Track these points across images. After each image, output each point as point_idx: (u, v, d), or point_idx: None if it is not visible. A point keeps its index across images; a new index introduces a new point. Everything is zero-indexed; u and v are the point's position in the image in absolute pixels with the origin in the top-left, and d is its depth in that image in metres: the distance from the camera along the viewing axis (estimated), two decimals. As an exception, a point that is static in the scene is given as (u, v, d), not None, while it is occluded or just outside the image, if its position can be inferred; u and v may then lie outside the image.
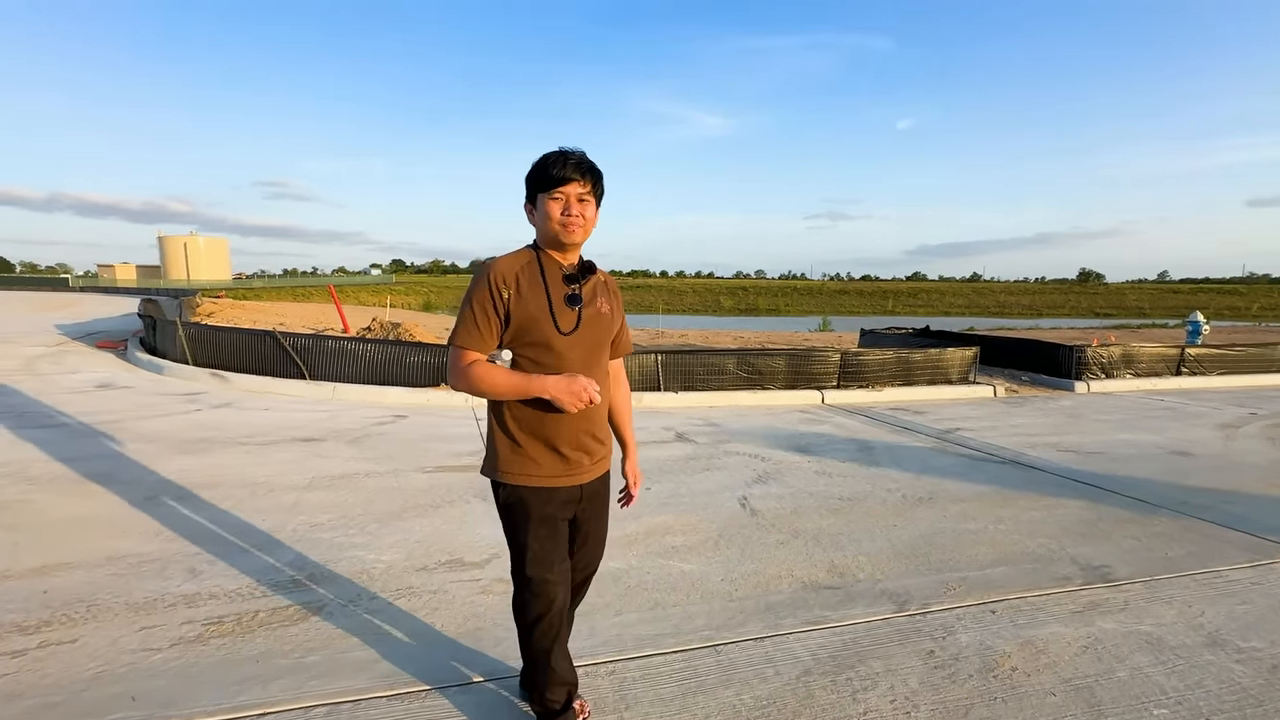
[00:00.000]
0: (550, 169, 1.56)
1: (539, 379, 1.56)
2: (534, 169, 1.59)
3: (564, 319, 1.60)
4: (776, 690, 2.07)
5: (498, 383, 1.56)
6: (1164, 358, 9.91)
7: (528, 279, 1.59)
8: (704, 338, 20.08)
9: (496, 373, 1.57)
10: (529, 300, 1.57)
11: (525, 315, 1.56)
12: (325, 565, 2.92)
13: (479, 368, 1.57)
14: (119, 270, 78.05)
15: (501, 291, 1.55)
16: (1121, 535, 3.53)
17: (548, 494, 1.64)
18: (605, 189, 1.66)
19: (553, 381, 1.55)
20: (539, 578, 1.66)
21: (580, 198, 1.58)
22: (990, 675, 2.18)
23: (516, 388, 1.56)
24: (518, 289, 1.57)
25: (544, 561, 1.66)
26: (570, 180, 1.56)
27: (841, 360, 8.42)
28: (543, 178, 1.57)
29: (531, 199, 1.62)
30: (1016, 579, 2.95)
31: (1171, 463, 5.16)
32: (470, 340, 1.57)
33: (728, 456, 5.09)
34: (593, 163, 1.60)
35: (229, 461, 4.53)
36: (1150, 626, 2.53)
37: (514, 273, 1.58)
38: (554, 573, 1.67)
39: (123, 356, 9.93)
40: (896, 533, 3.52)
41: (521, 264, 1.61)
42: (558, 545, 1.69)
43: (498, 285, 1.56)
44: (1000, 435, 6.13)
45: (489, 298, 1.55)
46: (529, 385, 1.55)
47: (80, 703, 1.92)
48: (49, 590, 2.60)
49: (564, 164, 1.56)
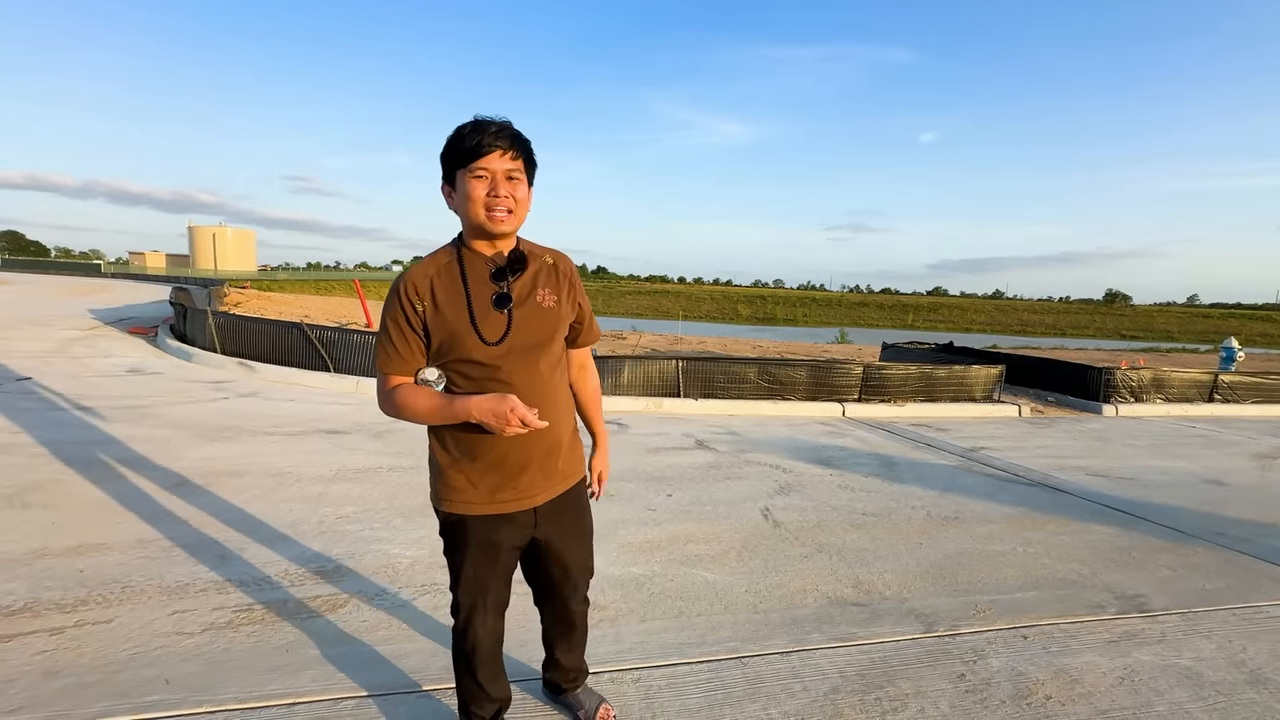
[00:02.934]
0: (466, 139, 1.31)
1: (461, 401, 1.34)
2: (449, 140, 1.34)
3: (489, 327, 1.37)
4: (804, 706, 2.04)
5: (420, 408, 1.37)
6: (1196, 383, 9.68)
7: (444, 285, 1.38)
8: (722, 345, 20.00)
9: (419, 398, 1.38)
10: (447, 311, 1.36)
11: (444, 329, 1.36)
12: (351, 558, 2.94)
13: (402, 393, 1.38)
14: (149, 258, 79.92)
15: (414, 305, 1.36)
16: (1156, 564, 3.44)
17: (490, 522, 1.47)
18: (538, 165, 1.42)
19: (476, 403, 1.33)
20: (468, 604, 1.54)
21: (509, 174, 1.33)
22: (1024, 702, 2.13)
23: (440, 413, 1.37)
24: (433, 299, 1.36)
25: (476, 588, 1.52)
26: (493, 150, 1.30)
27: (864, 373, 8.33)
28: (459, 151, 1.32)
29: (449, 179, 1.37)
30: (1048, 604, 2.88)
31: (1206, 492, 5.03)
32: (390, 364, 1.39)
33: (749, 466, 5.06)
34: (519, 132, 1.36)
35: (256, 450, 4.59)
36: (1189, 660, 2.45)
37: (428, 280, 1.38)
38: (486, 600, 1.54)
39: (153, 343, 10.14)
40: (922, 551, 3.46)
41: (438, 268, 1.39)
42: (495, 573, 1.53)
43: (409, 299, 1.36)
44: (1026, 456, 6.01)
45: (402, 313, 1.36)
46: (451, 409, 1.35)
47: (115, 683, 1.95)
48: (84, 570, 2.65)
49: (483, 132, 1.30)
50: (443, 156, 1.36)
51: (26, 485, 3.57)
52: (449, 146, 1.34)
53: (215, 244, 77.63)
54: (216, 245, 77.60)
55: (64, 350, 8.75)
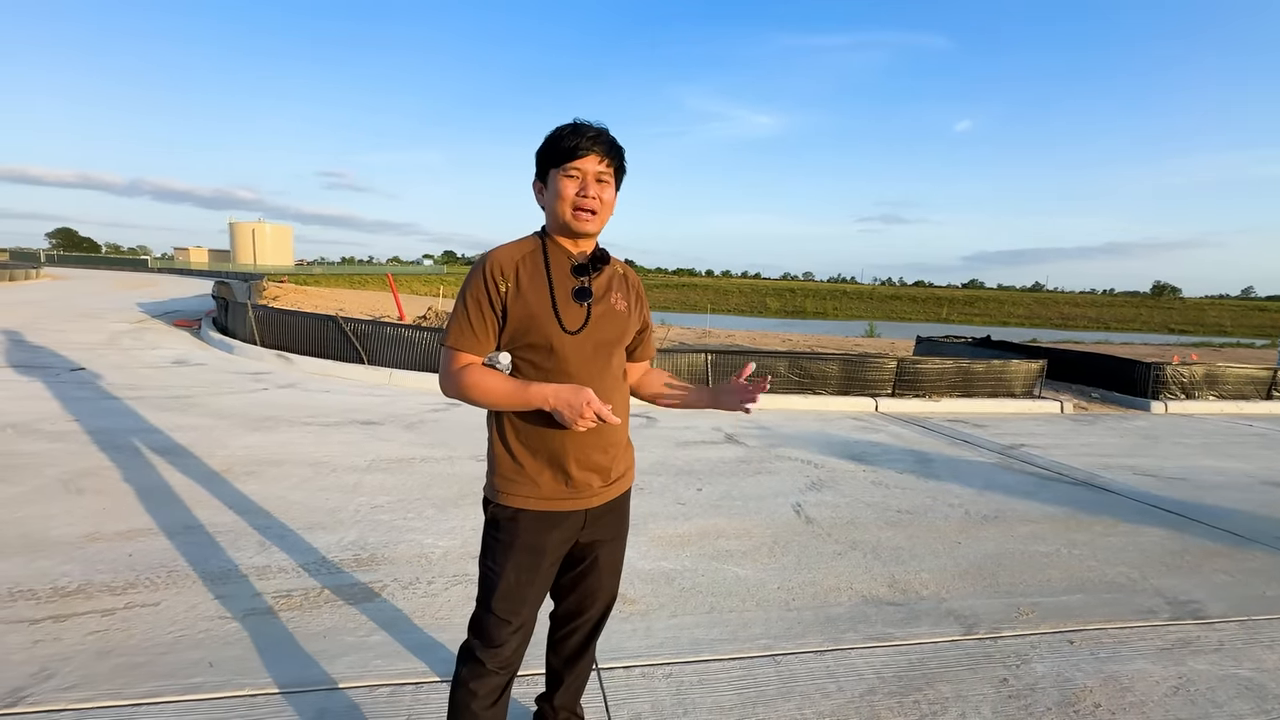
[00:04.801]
0: (565, 140, 1.35)
1: (538, 387, 1.33)
2: (547, 140, 1.38)
3: (569, 316, 1.39)
4: (840, 707, 2.00)
5: (492, 390, 1.34)
6: (1253, 379, 9.22)
7: (529, 270, 1.39)
8: (751, 338, 19.83)
9: (491, 379, 1.35)
10: (529, 295, 1.37)
11: (524, 312, 1.36)
12: (386, 547, 2.99)
13: (472, 373, 1.36)
14: (193, 254, 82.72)
15: (499, 285, 1.36)
16: (1211, 569, 3.28)
17: (544, 519, 1.42)
18: (628, 172, 1.45)
19: (554, 391, 1.32)
20: (504, 615, 1.41)
21: (599, 177, 1.38)
22: (1071, 710, 2.05)
23: (512, 396, 1.34)
24: (517, 282, 1.37)
25: (516, 597, 1.42)
26: (588, 153, 1.35)
27: (898, 368, 8.15)
28: (555, 150, 1.36)
29: (542, 176, 1.41)
30: (1095, 608, 2.77)
31: (1265, 494, 4.78)
32: (463, 341, 1.37)
33: (779, 461, 4.99)
34: (614, 138, 1.40)
35: (294, 440, 4.70)
36: (1249, 671, 2.33)
37: (514, 263, 1.39)
38: (522, 614, 1.43)
39: (197, 335, 10.49)
40: (960, 550, 3.37)
41: (524, 254, 1.41)
42: (536, 582, 1.44)
43: (494, 278, 1.36)
44: (1070, 454, 5.80)
45: (485, 292, 1.36)
46: (526, 394, 1.33)
47: (163, 664, 2.01)
48: (133, 554, 2.75)
49: (580, 135, 1.35)
50: (539, 154, 1.41)
51: (80, 471, 3.72)
52: (547, 145, 1.39)
53: (254, 239, 79.94)
54: (256, 241, 79.91)
55: (114, 342, 9.11)
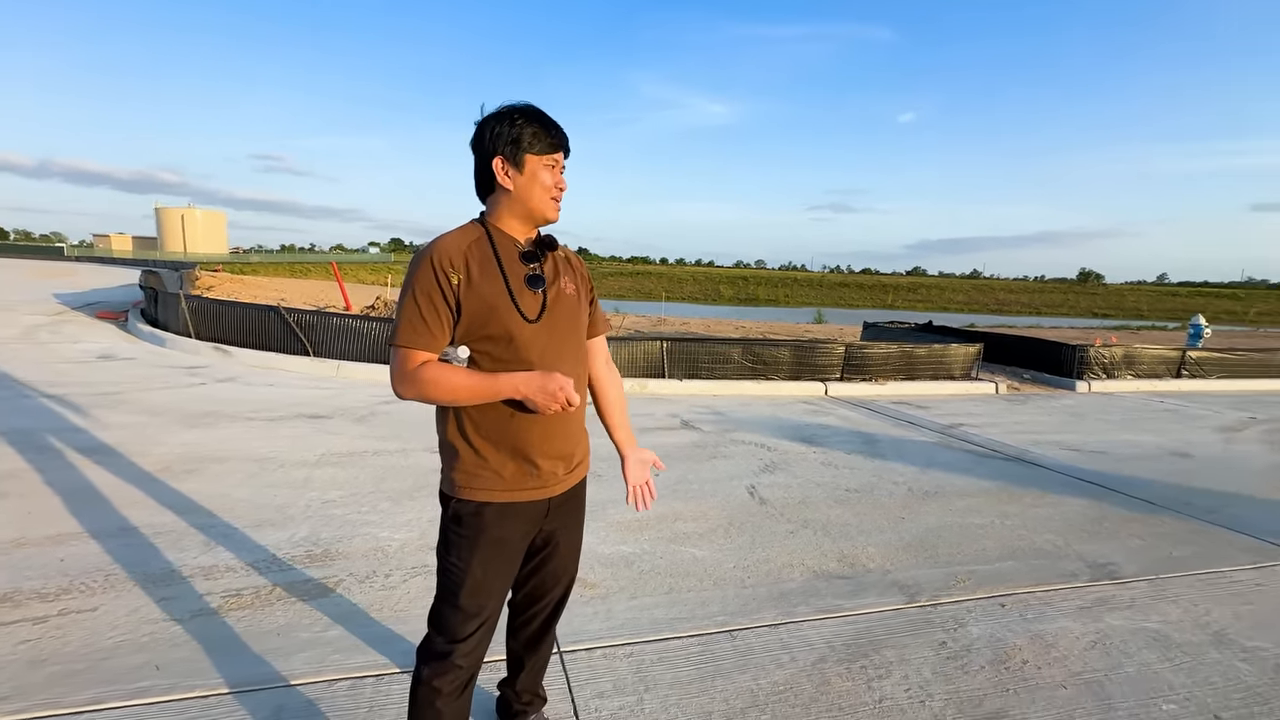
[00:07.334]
0: (549, 130, 1.35)
1: (507, 377, 1.30)
2: (524, 125, 1.33)
3: (527, 304, 1.35)
4: (793, 676, 2.10)
5: (457, 386, 1.28)
6: (1165, 360, 9.95)
7: (478, 260, 1.33)
8: (705, 326, 20.06)
9: (453, 374, 1.29)
10: (483, 285, 1.32)
11: (480, 303, 1.31)
12: (340, 541, 2.93)
13: (430, 369, 1.29)
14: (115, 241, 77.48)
15: (450, 276, 1.29)
16: (1127, 534, 3.56)
17: (509, 511, 1.39)
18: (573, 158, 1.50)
19: (523, 379, 1.29)
20: (471, 609, 1.38)
21: (563, 168, 1.41)
22: (1002, 667, 2.21)
23: (479, 389, 1.30)
24: (468, 273, 1.31)
25: (483, 591, 1.39)
26: (563, 146, 1.38)
27: (846, 353, 8.43)
28: (541, 139, 1.34)
29: (514, 160, 1.34)
30: (1024, 574, 2.98)
31: (1174, 464, 5.20)
32: (417, 338, 1.29)
33: (734, 445, 5.11)
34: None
35: (237, 435, 4.52)
36: (1157, 624, 2.56)
37: (462, 253, 1.32)
38: (489, 607, 1.41)
39: (123, 328, 9.88)
40: (904, 525, 3.55)
41: (469, 242, 1.35)
42: (502, 574, 1.42)
43: (443, 269, 1.29)
44: (1004, 432, 6.16)
45: (435, 285, 1.29)
46: (496, 385, 1.29)
47: (104, 670, 1.93)
48: (65, 559, 2.61)
49: (557, 128, 1.36)
50: (510, 137, 1.33)
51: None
52: (523, 130, 1.33)
53: (184, 226, 75.46)
54: (186, 227, 75.43)
55: (29, 337, 8.49)
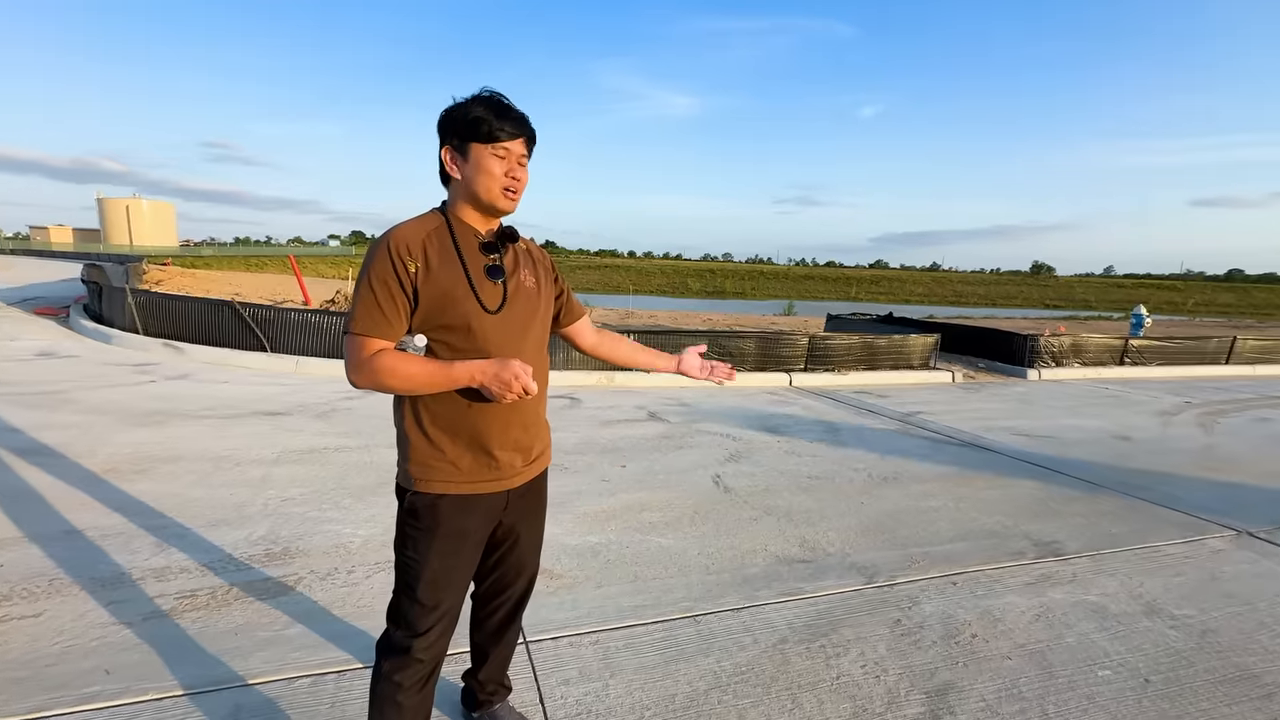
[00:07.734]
0: (496, 119, 1.30)
1: (463, 365, 1.28)
2: (469, 112, 1.30)
3: (487, 295, 1.34)
4: (754, 658, 2.16)
5: (413, 375, 1.27)
6: (1109, 348, 10.43)
7: (436, 249, 1.32)
8: (673, 319, 20.17)
9: (410, 363, 1.28)
10: (441, 275, 1.30)
11: (438, 293, 1.30)
12: (300, 539, 2.88)
13: (386, 358, 1.27)
14: (54, 233, 73.49)
15: (407, 265, 1.28)
16: (1070, 513, 3.75)
17: (467, 503, 1.38)
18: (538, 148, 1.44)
19: (480, 366, 1.27)
20: (429, 602, 1.37)
21: (521, 160, 1.36)
22: (952, 641, 2.31)
23: (434, 378, 1.28)
24: (426, 262, 1.30)
25: (441, 584, 1.38)
26: (517, 136, 1.33)
27: (809, 344, 8.59)
28: (485, 128, 1.30)
29: (460, 149, 1.33)
30: (975, 553, 3.11)
31: (1115, 446, 5.48)
32: (373, 326, 1.28)
33: (700, 436, 5.18)
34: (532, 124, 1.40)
35: (190, 434, 4.38)
36: (1096, 597, 2.71)
37: (420, 242, 1.31)
38: (448, 600, 1.40)
39: (65, 324, 9.42)
40: (864, 510, 3.66)
41: (428, 231, 1.33)
42: (461, 567, 1.41)
43: (401, 257, 1.28)
44: (959, 419, 6.38)
45: (393, 273, 1.27)
46: (452, 373, 1.28)
47: (50, 676, 1.87)
48: (4, 564, 2.50)
49: (509, 116, 1.31)
50: (459, 124, 1.31)
51: (-70, 479, 3.30)
52: (470, 117, 1.30)
53: (130, 217, 72.09)
54: (131, 218, 72.07)
55: (-39, 333, 8.03)
